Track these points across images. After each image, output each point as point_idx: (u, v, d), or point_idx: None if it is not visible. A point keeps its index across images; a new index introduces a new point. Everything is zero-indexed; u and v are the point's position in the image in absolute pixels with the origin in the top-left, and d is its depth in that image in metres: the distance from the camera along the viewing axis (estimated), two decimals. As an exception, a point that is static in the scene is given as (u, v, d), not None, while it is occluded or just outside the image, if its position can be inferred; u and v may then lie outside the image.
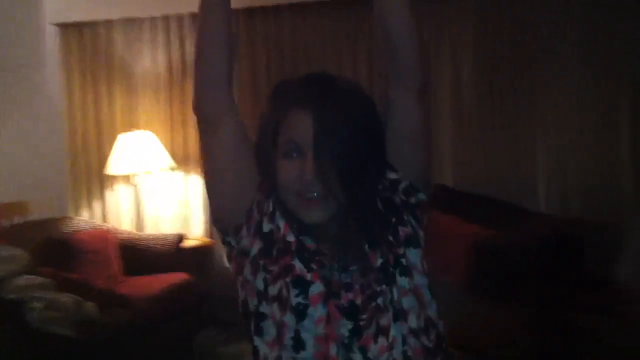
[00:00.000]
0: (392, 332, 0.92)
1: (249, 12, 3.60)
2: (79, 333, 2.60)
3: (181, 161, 3.73)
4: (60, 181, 3.76)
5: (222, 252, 3.65)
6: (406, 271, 0.95)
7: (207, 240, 3.68)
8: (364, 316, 0.92)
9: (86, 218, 3.67)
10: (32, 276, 2.74)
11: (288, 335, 0.92)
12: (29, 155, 3.65)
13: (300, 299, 0.92)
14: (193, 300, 3.27)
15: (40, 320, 2.59)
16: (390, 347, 0.92)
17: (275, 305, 0.93)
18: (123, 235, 3.45)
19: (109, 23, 3.73)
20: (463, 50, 3.44)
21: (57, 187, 3.75)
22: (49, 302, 2.64)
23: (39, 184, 3.62)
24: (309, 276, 0.92)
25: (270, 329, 0.94)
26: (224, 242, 0.99)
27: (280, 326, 0.93)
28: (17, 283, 2.69)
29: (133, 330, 2.86)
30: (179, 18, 3.71)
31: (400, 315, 0.94)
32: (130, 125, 3.69)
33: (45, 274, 2.77)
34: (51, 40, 3.80)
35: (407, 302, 0.94)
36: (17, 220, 3.43)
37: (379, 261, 0.95)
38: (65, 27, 3.78)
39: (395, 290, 0.94)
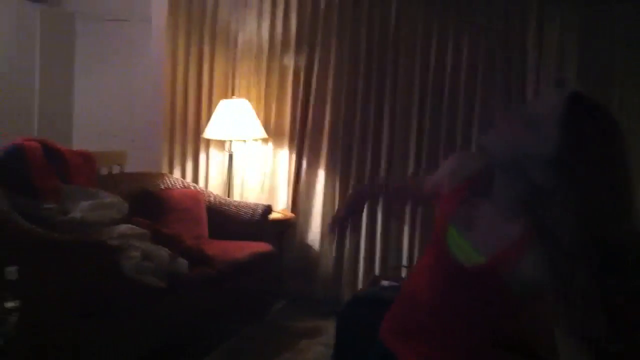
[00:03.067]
0: None
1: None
2: (169, 286, 2.71)
3: (272, 133, 3.76)
4: (155, 137, 3.83)
5: (303, 228, 3.71)
6: None
7: (290, 214, 3.68)
8: None
9: (178, 177, 3.75)
10: (131, 225, 2.87)
11: None
12: (128, 108, 3.77)
13: None
14: (273, 271, 3.28)
15: (136, 268, 2.71)
16: None
17: None
18: (212, 198, 3.53)
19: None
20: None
21: (152, 143, 3.83)
22: (145, 253, 2.75)
23: (135, 137, 3.71)
24: None
25: None
26: None
27: None
28: (118, 230, 2.85)
29: (217, 291, 2.93)
30: (289, -10, 3.70)
31: None
32: (227, 92, 3.77)
33: (142, 225, 2.91)
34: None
35: None
36: (114, 169, 3.53)
37: None
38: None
39: None
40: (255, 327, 3.23)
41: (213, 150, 3.87)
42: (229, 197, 3.69)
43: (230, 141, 3.68)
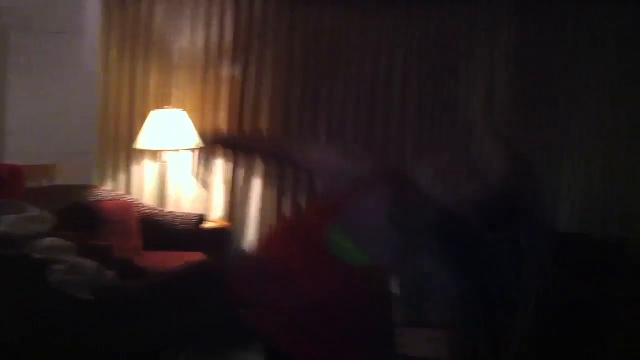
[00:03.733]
0: None
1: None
2: (97, 298, 2.67)
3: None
4: (87, 149, 3.77)
5: (240, 237, 3.73)
6: None
7: (225, 223, 3.68)
8: None
9: (110, 189, 3.71)
10: (57, 239, 2.84)
11: None
12: (59, 120, 3.72)
13: None
14: (208, 281, 3.27)
15: (61, 282, 2.67)
16: None
17: None
18: (145, 209, 3.51)
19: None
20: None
21: (83, 155, 3.75)
22: (71, 266, 2.72)
23: (67, 150, 3.64)
24: None
25: None
26: None
27: None
28: (43, 244, 2.81)
29: (148, 302, 2.90)
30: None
31: None
32: (162, 101, 3.74)
33: (69, 238, 2.87)
34: (93, 8, 3.76)
35: None
36: (43, 183, 3.45)
37: None
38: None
39: None
40: (192, 339, 3.20)
41: (147, 162, 3.83)
42: (163, 208, 3.67)
43: (164, 151, 3.67)
